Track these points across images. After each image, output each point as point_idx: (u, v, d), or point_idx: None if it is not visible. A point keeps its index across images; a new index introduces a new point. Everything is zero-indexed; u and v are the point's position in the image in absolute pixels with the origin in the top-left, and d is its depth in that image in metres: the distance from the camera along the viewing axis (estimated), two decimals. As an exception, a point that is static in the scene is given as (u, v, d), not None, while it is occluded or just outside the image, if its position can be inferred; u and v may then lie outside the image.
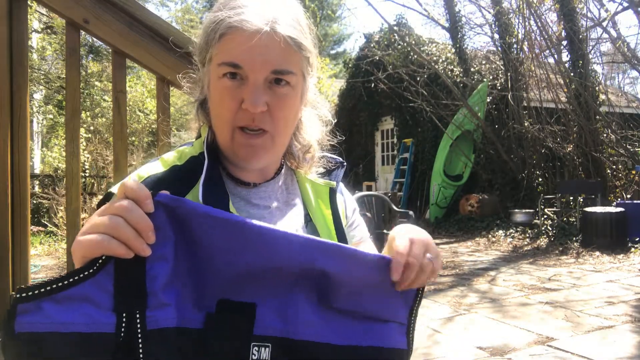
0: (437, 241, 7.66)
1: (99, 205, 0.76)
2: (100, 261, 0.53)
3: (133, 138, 9.89)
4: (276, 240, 0.60)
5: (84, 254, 0.54)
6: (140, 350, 0.54)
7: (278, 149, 0.78)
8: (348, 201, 0.93)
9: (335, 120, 0.90)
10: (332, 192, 0.87)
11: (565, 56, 8.48)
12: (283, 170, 0.86)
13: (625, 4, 7.77)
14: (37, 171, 9.97)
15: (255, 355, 0.61)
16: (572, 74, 7.92)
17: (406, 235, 0.69)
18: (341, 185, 0.92)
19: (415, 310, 0.74)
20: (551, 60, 8.69)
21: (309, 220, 0.84)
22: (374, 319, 0.70)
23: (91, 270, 0.53)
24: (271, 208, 0.81)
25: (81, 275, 0.53)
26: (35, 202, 7.75)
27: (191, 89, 0.85)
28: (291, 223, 0.81)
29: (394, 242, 0.69)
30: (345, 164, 0.92)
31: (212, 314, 0.59)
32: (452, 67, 9.92)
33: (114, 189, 0.73)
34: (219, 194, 0.73)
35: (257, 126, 0.72)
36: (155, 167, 0.77)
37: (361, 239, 0.93)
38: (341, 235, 0.83)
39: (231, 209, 0.73)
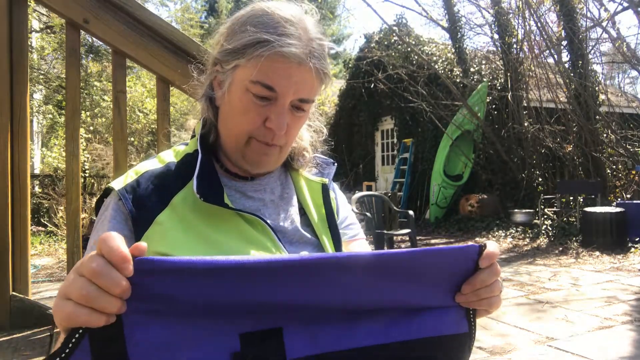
0: (437, 241, 7.66)
1: (97, 203, 0.78)
2: (77, 335, 0.48)
3: (133, 138, 9.89)
4: (279, 270, 0.55)
5: (61, 323, 0.50)
6: None
7: (283, 157, 0.84)
8: (339, 199, 0.96)
9: (329, 130, 0.93)
10: (325, 189, 0.90)
11: (565, 56, 8.49)
12: (278, 166, 0.88)
13: (625, 4, 7.78)
14: (37, 171, 9.97)
15: None
16: (571, 74, 7.92)
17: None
18: (333, 184, 0.95)
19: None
20: (551, 60, 8.70)
21: (303, 214, 0.86)
22: (429, 309, 0.66)
23: (67, 351, 0.48)
24: (266, 201, 0.83)
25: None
26: (35, 202, 7.74)
27: (196, 83, 0.87)
28: (286, 215, 0.84)
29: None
30: (335, 163, 0.96)
31: (238, 352, 0.55)
32: (451, 67, 9.92)
33: (113, 184, 0.75)
34: (213, 187, 0.76)
35: (274, 144, 0.78)
36: (152, 163, 0.80)
37: (355, 237, 0.94)
38: (334, 230, 0.85)
39: (225, 201, 0.75)
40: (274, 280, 0.55)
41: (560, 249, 6.31)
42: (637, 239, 6.00)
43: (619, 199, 7.36)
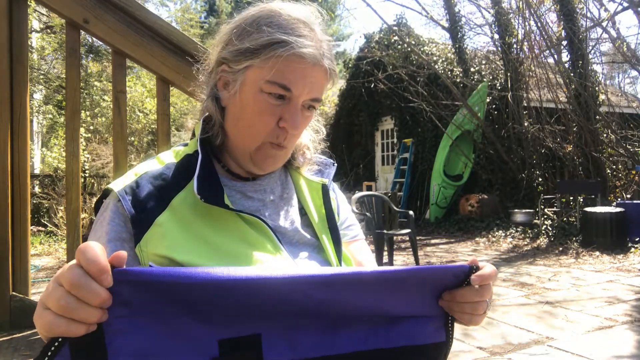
0: (437, 241, 7.66)
1: (97, 204, 0.78)
2: (56, 344, 0.49)
3: (133, 138, 9.89)
4: (259, 286, 0.55)
5: (41, 332, 0.50)
6: None
7: (288, 157, 0.85)
8: (340, 199, 0.96)
9: (329, 130, 0.94)
10: (325, 189, 0.90)
11: (565, 56, 8.49)
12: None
13: (625, 4, 7.78)
14: (37, 171, 9.97)
15: None
16: (572, 74, 7.92)
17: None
18: (333, 184, 0.95)
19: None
20: (551, 60, 8.69)
21: (303, 214, 0.86)
22: (410, 318, 0.67)
23: (46, 359, 0.48)
24: (266, 201, 0.83)
25: None
26: (35, 202, 7.74)
27: (196, 84, 0.87)
28: (286, 215, 0.83)
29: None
30: (335, 163, 0.96)
31: (217, 358, 0.57)
32: (451, 67, 9.93)
33: (112, 186, 0.75)
34: (213, 187, 0.76)
35: (284, 145, 0.79)
36: (152, 164, 0.79)
37: (355, 238, 0.94)
38: (334, 230, 0.85)
39: (226, 201, 0.75)
40: (253, 294, 0.55)
41: (560, 249, 6.31)
42: (637, 239, 5.99)
43: (619, 199, 7.36)
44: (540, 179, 8.60)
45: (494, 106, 9.21)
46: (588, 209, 6.36)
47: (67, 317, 0.48)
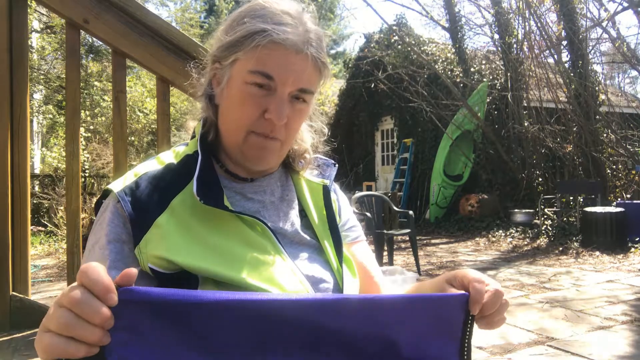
0: (437, 241, 7.66)
1: (97, 204, 0.78)
2: None
3: (133, 138, 9.89)
4: (266, 310, 0.54)
5: (42, 357, 0.48)
6: None
7: (283, 154, 0.83)
8: (341, 200, 0.95)
9: (329, 130, 0.94)
10: (326, 190, 0.89)
11: (565, 56, 8.49)
12: (279, 167, 0.88)
13: (625, 4, 7.77)
14: (37, 171, 9.97)
15: None
16: (572, 74, 7.92)
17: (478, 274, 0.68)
18: (335, 185, 0.94)
19: (467, 340, 0.66)
20: (551, 60, 8.69)
21: (304, 216, 0.85)
22: None
23: None
24: (266, 203, 0.82)
25: None
26: (35, 202, 7.74)
27: (194, 82, 0.86)
28: (286, 217, 0.83)
29: (465, 275, 0.67)
30: (336, 164, 0.95)
31: None
32: (452, 67, 9.92)
33: (112, 186, 0.75)
34: (212, 189, 0.75)
35: (274, 136, 0.77)
36: (151, 165, 0.79)
37: (356, 239, 0.93)
38: (335, 231, 0.84)
39: (225, 203, 0.75)
40: (260, 319, 0.54)
41: (561, 249, 6.31)
42: (637, 239, 6.00)
43: (619, 199, 7.36)
44: (540, 179, 8.60)
45: (494, 106, 9.20)
46: (588, 209, 6.36)
47: (66, 335, 0.46)
